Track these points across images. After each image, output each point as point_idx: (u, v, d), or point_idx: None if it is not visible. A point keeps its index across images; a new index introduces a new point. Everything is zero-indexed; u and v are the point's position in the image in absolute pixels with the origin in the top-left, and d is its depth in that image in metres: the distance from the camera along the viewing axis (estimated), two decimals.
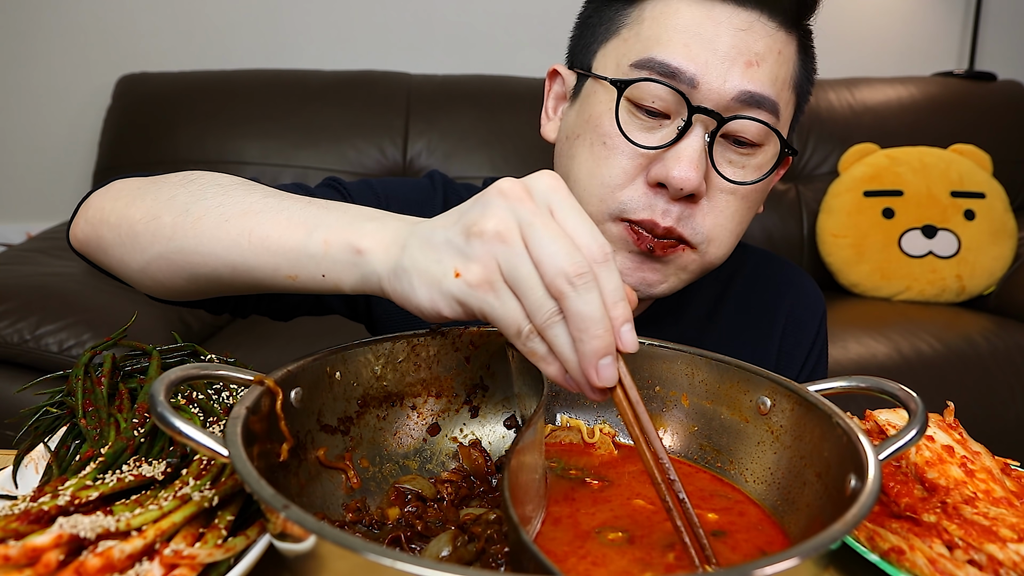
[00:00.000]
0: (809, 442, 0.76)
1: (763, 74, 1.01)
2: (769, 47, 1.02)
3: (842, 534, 0.54)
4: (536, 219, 0.63)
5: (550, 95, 1.22)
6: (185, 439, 0.60)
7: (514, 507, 0.61)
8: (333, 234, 0.72)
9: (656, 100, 1.01)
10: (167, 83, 3.14)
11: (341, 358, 0.80)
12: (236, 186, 0.85)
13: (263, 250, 0.76)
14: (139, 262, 0.88)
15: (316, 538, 0.51)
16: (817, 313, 1.35)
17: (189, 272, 0.84)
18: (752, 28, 1.01)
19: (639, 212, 1.03)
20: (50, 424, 0.88)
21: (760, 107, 1.01)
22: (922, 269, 3.02)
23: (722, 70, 1.00)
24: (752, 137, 1.03)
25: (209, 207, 0.81)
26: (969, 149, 3.19)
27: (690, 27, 1.01)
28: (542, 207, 0.64)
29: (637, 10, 1.06)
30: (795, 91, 1.09)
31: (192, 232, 0.81)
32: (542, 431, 0.79)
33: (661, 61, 1.00)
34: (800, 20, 1.07)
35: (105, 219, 0.92)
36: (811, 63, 1.13)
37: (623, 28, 1.07)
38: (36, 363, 2.11)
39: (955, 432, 0.88)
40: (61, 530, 0.59)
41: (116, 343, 0.96)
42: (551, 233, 0.62)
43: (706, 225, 1.05)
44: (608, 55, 1.08)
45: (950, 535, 0.72)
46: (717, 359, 0.86)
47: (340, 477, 0.78)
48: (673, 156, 1.00)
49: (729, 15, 1.01)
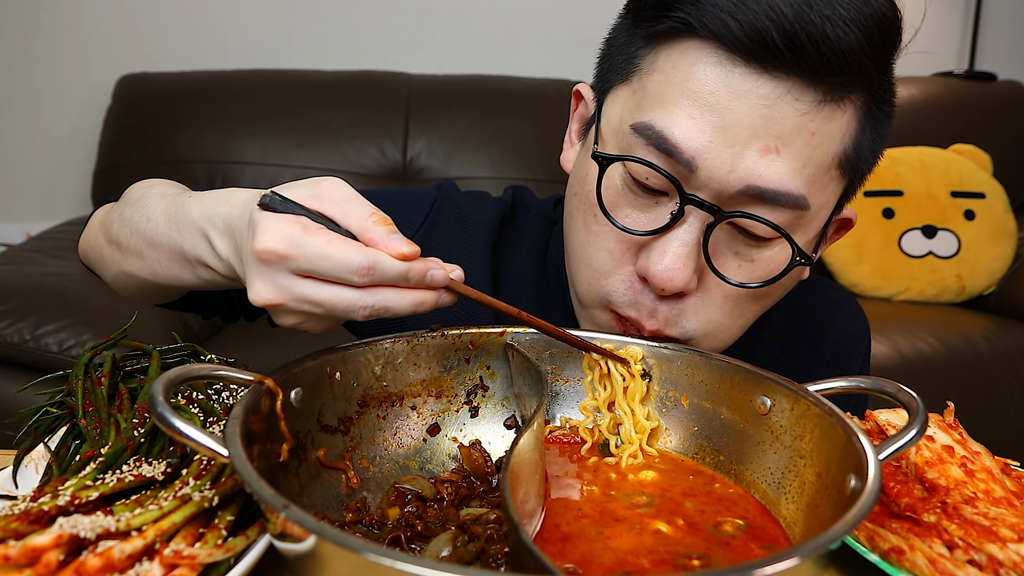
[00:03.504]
0: (809, 442, 0.76)
1: (784, 163, 0.83)
2: (798, 128, 0.82)
3: (842, 534, 0.54)
4: (301, 266, 0.70)
5: (574, 117, 1.07)
6: (185, 439, 0.60)
7: (514, 507, 0.61)
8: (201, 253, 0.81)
9: (651, 177, 0.86)
10: (167, 83, 3.14)
11: (341, 358, 0.80)
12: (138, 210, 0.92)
13: (170, 274, 0.88)
14: (108, 277, 1.05)
15: (316, 538, 0.51)
16: (864, 342, 1.23)
17: (139, 286, 0.98)
18: (780, 103, 0.81)
19: (624, 308, 0.93)
20: (50, 424, 0.87)
21: (774, 203, 0.84)
22: (922, 269, 3.02)
23: (728, 156, 0.82)
24: (762, 233, 0.87)
25: (132, 238, 0.92)
26: (969, 149, 3.19)
27: (701, 93, 0.83)
28: (304, 254, 0.69)
29: (653, 54, 0.88)
30: (844, 169, 0.89)
31: (125, 260, 0.95)
32: (542, 431, 0.79)
33: (659, 132, 0.84)
34: (862, 83, 0.84)
35: (88, 241, 1.09)
36: (882, 127, 0.91)
37: (635, 73, 0.90)
38: (36, 363, 2.11)
39: (955, 432, 0.88)
40: (61, 530, 0.59)
41: (116, 343, 0.96)
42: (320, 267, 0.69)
43: (699, 322, 0.92)
44: (616, 103, 0.92)
45: (950, 535, 0.72)
46: (717, 359, 0.86)
47: (340, 477, 0.78)
48: (659, 249, 0.87)
49: (754, 84, 0.81)
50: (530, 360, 0.85)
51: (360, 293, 0.70)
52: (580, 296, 0.98)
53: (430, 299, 0.74)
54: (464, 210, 1.17)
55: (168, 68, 3.22)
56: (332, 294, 0.70)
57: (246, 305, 1.14)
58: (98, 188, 3.11)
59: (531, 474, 0.72)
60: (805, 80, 0.81)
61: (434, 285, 0.74)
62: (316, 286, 0.70)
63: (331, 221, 0.72)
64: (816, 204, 0.87)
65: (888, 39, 0.83)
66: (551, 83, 3.26)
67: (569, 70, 3.30)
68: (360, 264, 0.69)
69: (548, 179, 3.07)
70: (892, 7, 0.82)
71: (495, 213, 1.18)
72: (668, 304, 0.91)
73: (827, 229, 0.96)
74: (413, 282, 0.72)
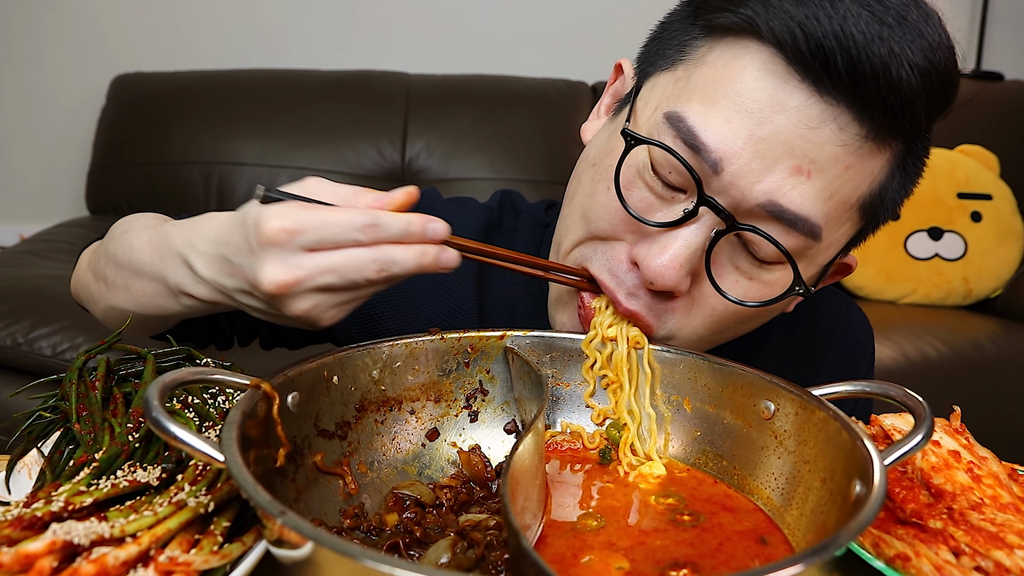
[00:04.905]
0: (813, 447, 0.76)
1: (811, 188, 0.82)
2: (835, 158, 0.81)
3: (847, 540, 0.54)
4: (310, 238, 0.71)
5: (608, 90, 1.05)
6: (180, 444, 0.60)
7: (514, 513, 0.61)
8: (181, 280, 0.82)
9: (673, 171, 0.85)
10: (162, 83, 3.15)
11: (339, 362, 0.81)
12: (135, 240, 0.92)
13: (154, 304, 0.89)
14: (98, 313, 1.08)
15: (313, 544, 0.51)
16: (868, 351, 1.22)
17: (127, 320, 0.99)
18: (824, 128, 0.80)
19: (600, 271, 0.91)
20: (43, 429, 0.88)
21: (791, 226, 0.83)
22: (928, 272, 3.02)
23: (759, 167, 0.81)
24: (767, 256, 0.86)
25: (117, 272, 0.94)
26: (976, 150, 3.19)
27: (745, 98, 0.81)
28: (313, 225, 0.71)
29: (707, 47, 0.87)
30: (864, 213, 0.88)
31: (111, 295, 0.97)
32: (543, 436, 0.79)
33: (690, 127, 0.83)
34: (905, 129, 0.83)
35: (78, 280, 1.13)
36: (910, 180, 0.91)
37: (683, 62, 0.88)
38: (29, 367, 2.11)
39: (961, 437, 0.88)
40: (55, 536, 0.59)
41: (110, 347, 0.96)
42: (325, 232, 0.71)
43: (677, 326, 0.91)
44: (657, 88, 0.91)
45: (956, 541, 0.72)
46: (720, 363, 0.86)
47: (338, 483, 0.78)
48: (662, 243, 0.85)
49: (803, 102, 0.79)
50: (530, 364, 0.85)
51: (367, 250, 0.72)
52: (564, 250, 0.97)
53: (432, 250, 0.75)
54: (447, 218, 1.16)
55: (163, 68, 3.22)
56: (343, 257, 0.72)
57: (237, 331, 1.16)
58: (92, 190, 3.12)
59: (531, 480, 0.72)
60: (854, 111, 0.80)
61: (436, 237, 0.75)
62: (326, 255, 0.72)
63: (326, 204, 0.75)
64: (828, 239, 0.87)
65: (944, 94, 0.82)
66: (551, 83, 3.26)
67: (569, 70, 3.30)
68: (364, 221, 0.71)
69: (548, 180, 3.07)
70: (954, 65, 0.82)
71: (479, 220, 1.18)
72: (654, 296, 0.89)
73: (828, 268, 0.95)
74: (415, 235, 0.74)
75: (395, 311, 1.13)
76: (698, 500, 0.80)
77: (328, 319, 0.76)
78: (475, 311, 1.14)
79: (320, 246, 0.71)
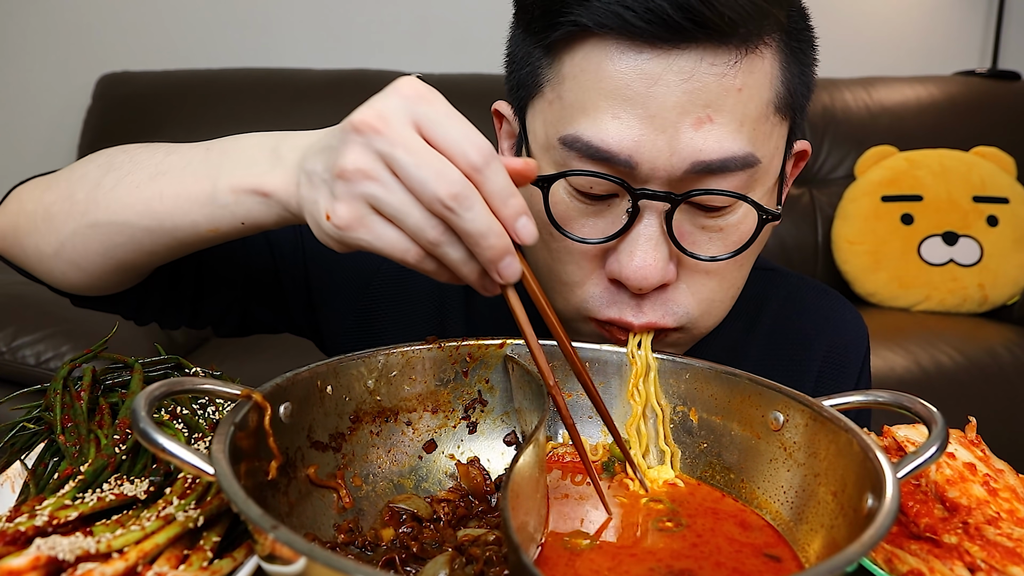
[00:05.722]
0: (824, 459, 0.76)
1: (721, 128, 0.85)
2: (725, 89, 0.84)
3: (859, 556, 0.54)
4: (396, 148, 0.66)
5: (502, 136, 1.09)
6: (169, 456, 0.60)
7: (514, 528, 0.61)
8: (237, 181, 0.78)
9: (595, 185, 0.88)
10: (150, 82, 3.15)
11: (332, 371, 0.81)
12: (141, 150, 0.90)
13: (177, 209, 0.82)
14: (53, 244, 0.92)
15: (306, 560, 0.51)
16: (859, 352, 1.23)
17: (106, 245, 0.88)
18: (696, 73, 0.83)
19: (605, 310, 0.93)
20: (27, 441, 0.88)
21: (723, 171, 0.86)
22: (942, 278, 3.02)
23: (664, 141, 0.84)
24: (720, 203, 0.89)
25: (119, 177, 0.86)
26: (992, 152, 3.20)
27: (618, 89, 0.84)
28: (403, 129, 0.66)
29: (557, 63, 0.89)
30: (781, 112, 0.91)
31: (105, 204, 0.86)
32: (544, 448, 0.79)
33: (588, 142, 0.85)
34: (767, 27, 0.86)
35: (22, 208, 0.96)
36: (805, 57, 0.94)
37: (545, 85, 0.91)
38: (12, 376, 2.11)
39: (977, 449, 0.89)
40: (39, 552, 0.59)
41: (96, 355, 0.96)
42: (416, 160, 0.65)
43: (689, 304, 0.93)
44: (536, 117, 0.94)
45: (972, 557, 0.72)
46: (727, 372, 0.86)
47: (332, 496, 0.78)
48: (627, 250, 0.88)
49: (665, 64, 0.83)
50: (531, 373, 0.85)
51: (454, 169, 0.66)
52: (561, 313, 0.97)
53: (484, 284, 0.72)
54: None
55: (151, 67, 3.23)
56: (424, 159, 0.66)
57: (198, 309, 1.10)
58: None
59: (532, 493, 0.73)
60: (714, 43, 0.83)
61: (505, 274, 0.70)
62: (406, 155, 0.66)
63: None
64: (765, 155, 0.89)
65: None
66: None
67: None
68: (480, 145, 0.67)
69: None
70: None
71: None
72: (651, 298, 0.91)
73: (784, 172, 0.98)
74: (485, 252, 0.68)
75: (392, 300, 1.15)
76: (703, 513, 0.80)
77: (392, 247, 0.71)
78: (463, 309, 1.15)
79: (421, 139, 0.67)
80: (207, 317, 1.13)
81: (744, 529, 0.78)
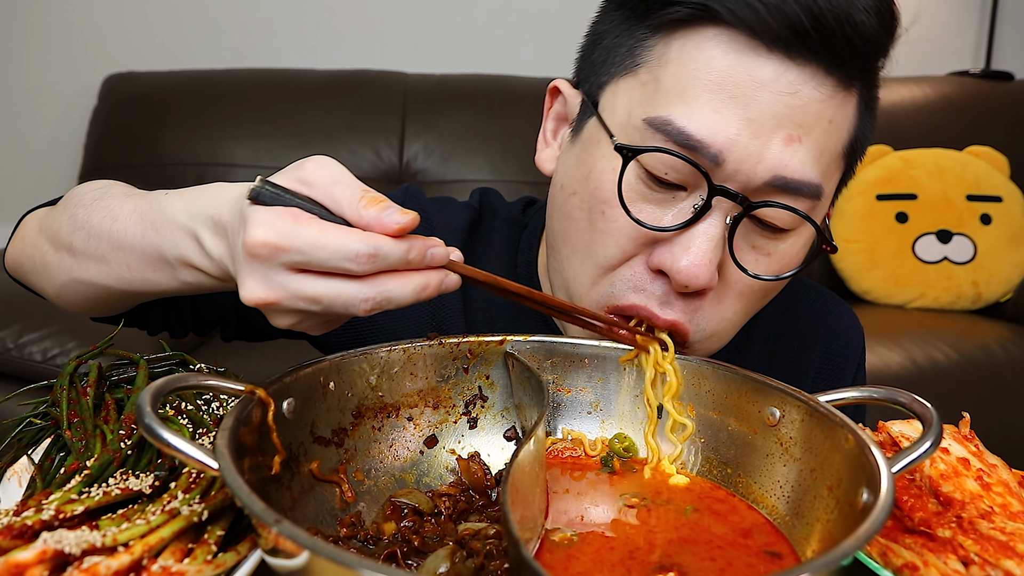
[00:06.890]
0: (820, 454, 0.76)
1: (806, 152, 0.85)
2: (818, 116, 0.84)
3: (854, 550, 0.54)
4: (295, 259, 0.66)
5: (549, 115, 1.09)
6: (173, 451, 0.60)
7: (514, 522, 0.61)
8: (187, 254, 0.78)
9: (670, 171, 0.86)
10: (155, 83, 3.15)
11: (335, 368, 0.81)
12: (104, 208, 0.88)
13: (143, 277, 0.84)
14: (51, 290, 0.99)
15: (309, 554, 0.51)
16: (855, 352, 1.23)
17: (94, 295, 0.92)
18: (801, 92, 0.83)
19: (630, 295, 0.90)
20: (34, 436, 0.88)
21: (796, 193, 0.85)
22: (937, 275, 3.02)
23: (756, 147, 0.83)
24: (783, 224, 0.88)
25: (89, 243, 0.88)
26: (985, 151, 3.19)
27: (724, 84, 0.83)
28: (298, 245, 0.66)
29: (662, 44, 0.88)
30: (846, 158, 0.92)
31: (84, 267, 0.90)
32: (543, 443, 0.79)
33: (680, 128, 0.84)
34: (868, 69, 0.88)
35: (24, 249, 1.02)
36: (872, 118, 0.94)
37: (642, 65, 0.89)
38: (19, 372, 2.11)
39: (971, 444, 0.89)
40: (45, 545, 0.59)
41: (102, 352, 0.96)
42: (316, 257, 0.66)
43: (712, 320, 0.92)
44: (620, 95, 0.92)
45: (966, 551, 0.72)
46: (724, 368, 0.87)
47: (334, 491, 0.78)
48: (683, 244, 0.86)
49: (775, 72, 0.82)
50: (531, 369, 0.85)
51: (360, 285, 0.67)
52: (579, 297, 0.96)
53: (434, 281, 0.70)
54: (431, 216, 1.16)
55: (156, 67, 3.22)
56: (330, 288, 0.67)
57: (197, 319, 1.12)
58: None
59: (532, 488, 0.73)
60: (825, 66, 0.83)
61: (435, 263, 0.70)
62: (312, 280, 0.67)
63: (324, 208, 0.69)
64: (827, 194, 0.90)
65: (895, 26, 0.88)
66: None
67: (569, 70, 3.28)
68: (359, 251, 0.66)
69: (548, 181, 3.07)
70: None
71: (463, 219, 1.18)
72: (683, 299, 0.89)
73: (826, 219, 0.97)
74: (414, 262, 0.68)
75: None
76: (701, 507, 0.80)
77: (315, 333, 0.74)
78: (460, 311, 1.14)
79: (307, 269, 0.67)
80: (209, 327, 1.14)
81: (740, 524, 0.78)
